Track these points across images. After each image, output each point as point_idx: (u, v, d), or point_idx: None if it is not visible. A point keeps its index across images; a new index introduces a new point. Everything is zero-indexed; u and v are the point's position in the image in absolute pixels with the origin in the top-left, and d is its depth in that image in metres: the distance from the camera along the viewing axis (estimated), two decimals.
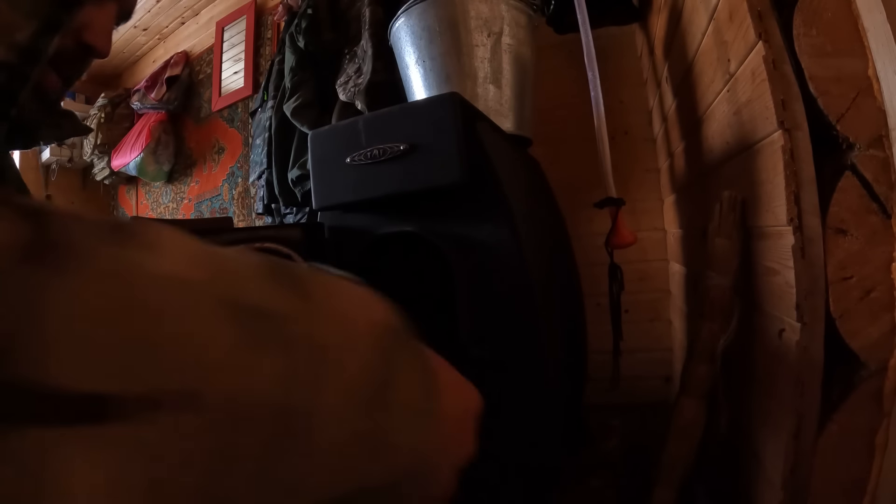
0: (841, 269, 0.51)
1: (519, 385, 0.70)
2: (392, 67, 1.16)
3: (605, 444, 1.04)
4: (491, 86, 0.95)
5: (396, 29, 1.03)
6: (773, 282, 0.59)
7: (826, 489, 0.53)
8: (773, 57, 0.56)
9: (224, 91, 2.45)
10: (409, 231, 0.77)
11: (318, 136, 0.82)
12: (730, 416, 0.68)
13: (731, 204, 0.68)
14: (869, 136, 0.49)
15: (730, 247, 0.67)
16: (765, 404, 0.63)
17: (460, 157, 0.67)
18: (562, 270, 1.02)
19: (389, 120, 0.74)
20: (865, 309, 0.50)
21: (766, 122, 0.57)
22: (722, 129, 0.76)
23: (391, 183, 0.73)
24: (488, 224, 0.70)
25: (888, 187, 0.49)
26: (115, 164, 2.72)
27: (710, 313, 0.68)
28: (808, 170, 0.53)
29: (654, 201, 1.38)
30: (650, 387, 1.36)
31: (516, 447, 0.72)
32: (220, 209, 2.45)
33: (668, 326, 1.37)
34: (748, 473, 0.67)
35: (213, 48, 2.52)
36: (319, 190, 0.82)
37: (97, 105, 2.81)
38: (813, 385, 0.53)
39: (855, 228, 0.50)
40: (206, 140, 2.54)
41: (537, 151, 1.12)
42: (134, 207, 3.05)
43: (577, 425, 1.02)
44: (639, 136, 1.40)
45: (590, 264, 1.21)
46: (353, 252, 0.84)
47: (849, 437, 0.51)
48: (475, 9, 0.94)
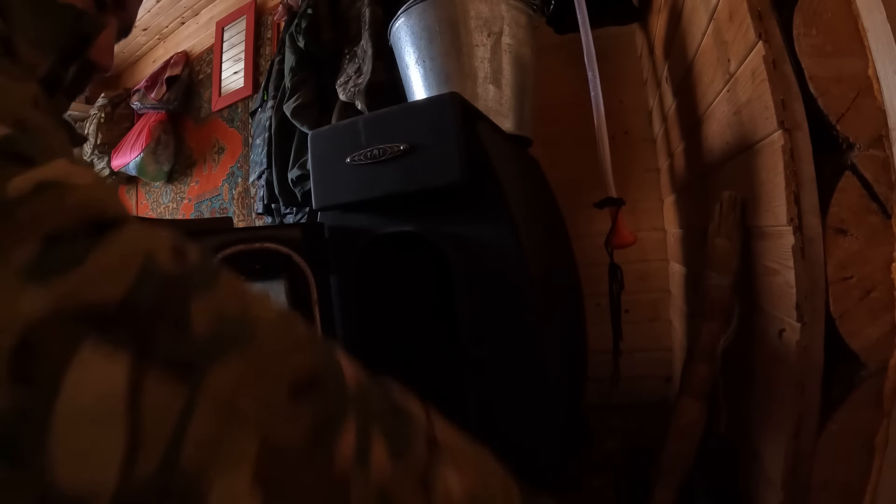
0: (841, 269, 0.51)
1: (519, 385, 0.70)
2: (392, 67, 1.16)
3: (605, 444, 1.04)
4: (491, 86, 0.95)
5: (396, 29, 1.03)
6: (773, 282, 0.59)
7: (826, 489, 0.53)
8: (773, 57, 0.56)
9: (224, 91, 2.45)
10: (408, 231, 0.77)
11: (318, 136, 0.82)
12: (730, 416, 0.68)
13: (731, 204, 0.68)
14: (869, 136, 0.49)
15: (730, 247, 0.67)
16: (765, 404, 0.63)
17: (460, 157, 0.67)
18: (562, 270, 1.02)
19: (389, 120, 0.74)
20: (865, 309, 0.50)
21: (766, 122, 0.57)
22: (722, 129, 0.76)
23: (391, 183, 0.73)
24: (488, 224, 0.70)
25: (888, 187, 0.49)
26: (114, 164, 2.72)
27: (710, 313, 0.68)
28: (808, 170, 0.53)
29: (654, 201, 1.38)
30: (650, 387, 1.36)
31: (516, 447, 0.72)
32: (220, 209, 2.45)
33: (668, 326, 1.37)
34: (748, 473, 0.67)
35: (213, 48, 2.52)
36: (319, 190, 0.82)
37: (97, 105, 2.81)
38: (813, 385, 0.53)
39: (855, 228, 0.50)
40: (206, 140, 2.54)
41: (537, 151, 1.12)
42: (134, 207, 3.05)
43: (577, 425, 1.02)
44: (639, 136, 1.40)
45: (590, 264, 1.21)
46: (353, 252, 0.84)
47: (849, 437, 0.51)
48: (475, 9, 0.94)
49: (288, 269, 0.80)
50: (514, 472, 0.34)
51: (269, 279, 0.79)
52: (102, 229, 0.20)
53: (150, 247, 0.21)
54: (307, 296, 0.81)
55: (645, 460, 0.84)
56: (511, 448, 0.71)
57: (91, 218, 0.20)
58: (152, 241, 0.22)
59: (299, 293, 0.81)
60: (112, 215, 0.21)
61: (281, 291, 0.80)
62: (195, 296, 0.21)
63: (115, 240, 0.20)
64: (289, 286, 0.80)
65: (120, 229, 0.21)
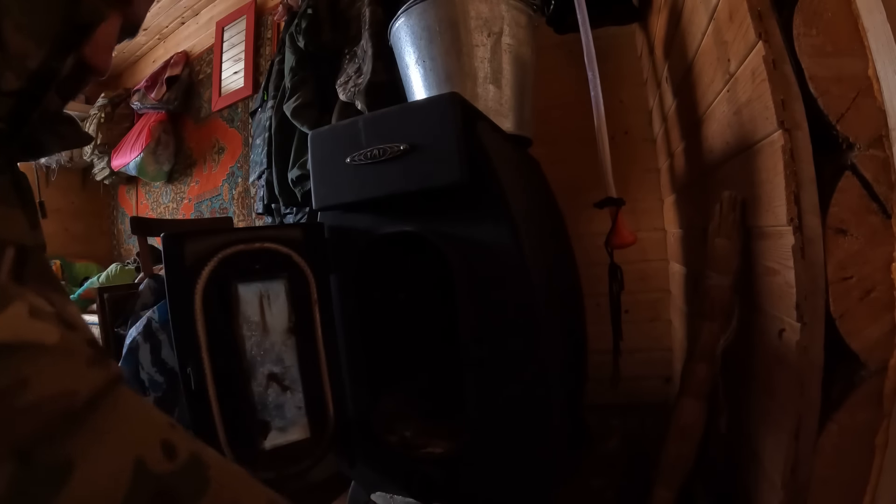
0: (841, 269, 0.51)
1: (519, 385, 0.70)
2: (392, 67, 1.16)
3: (605, 444, 1.04)
4: (491, 86, 0.95)
5: (396, 29, 1.03)
6: (773, 282, 0.59)
7: (826, 489, 0.53)
8: (773, 57, 0.56)
9: (224, 91, 2.45)
10: (409, 231, 0.77)
11: (318, 136, 0.82)
12: (730, 416, 0.68)
13: (731, 204, 0.67)
14: (869, 136, 0.49)
15: (730, 247, 0.67)
16: (765, 404, 0.63)
17: (460, 157, 0.67)
18: (562, 270, 1.02)
19: (389, 120, 0.74)
20: (865, 309, 0.50)
21: (766, 122, 0.57)
22: (722, 129, 0.76)
23: (391, 183, 0.73)
24: (488, 224, 0.70)
25: (888, 187, 0.49)
26: (115, 164, 2.72)
27: (710, 313, 0.68)
28: (808, 170, 0.53)
29: (654, 201, 1.38)
30: (650, 387, 1.36)
31: (516, 447, 0.72)
32: (220, 209, 2.46)
33: (668, 326, 1.37)
34: (748, 473, 0.67)
35: (213, 48, 2.52)
36: (319, 190, 0.82)
37: (97, 105, 2.81)
38: (813, 385, 0.53)
39: (855, 228, 0.50)
40: (206, 140, 2.54)
41: (537, 151, 1.12)
42: (134, 207, 3.05)
43: (577, 425, 1.02)
44: (639, 136, 1.40)
45: (590, 264, 1.21)
46: (353, 252, 0.84)
47: (849, 437, 0.51)
48: (475, 9, 0.94)
49: (288, 269, 0.80)
50: (514, 472, 0.34)
51: (269, 279, 0.79)
52: (79, 420, 0.18)
53: (139, 444, 0.19)
54: (307, 296, 0.81)
55: (645, 460, 0.84)
56: (511, 448, 0.71)
57: (63, 411, 0.18)
58: (142, 434, 0.19)
59: (299, 293, 0.81)
60: (86, 397, 0.19)
61: (281, 291, 0.80)
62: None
63: (98, 441, 0.18)
64: (289, 286, 0.80)
65: (102, 419, 0.18)
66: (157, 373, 1.10)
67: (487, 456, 0.73)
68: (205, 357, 0.71)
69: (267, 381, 0.78)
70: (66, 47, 0.36)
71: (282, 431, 0.79)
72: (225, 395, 0.73)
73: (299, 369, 0.81)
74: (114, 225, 3.24)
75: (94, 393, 0.19)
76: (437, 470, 0.78)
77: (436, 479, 0.78)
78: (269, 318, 0.79)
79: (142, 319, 1.13)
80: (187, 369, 0.71)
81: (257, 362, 0.78)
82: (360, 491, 0.90)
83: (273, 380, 0.79)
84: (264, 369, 0.78)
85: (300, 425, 0.81)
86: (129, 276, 2.41)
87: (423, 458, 0.80)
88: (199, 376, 0.71)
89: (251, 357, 0.78)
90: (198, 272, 0.72)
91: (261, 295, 0.79)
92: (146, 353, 1.10)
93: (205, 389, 0.71)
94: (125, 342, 1.12)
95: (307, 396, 0.81)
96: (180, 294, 0.72)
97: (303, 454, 0.80)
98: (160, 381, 1.10)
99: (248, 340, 0.77)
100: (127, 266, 2.54)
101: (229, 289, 0.76)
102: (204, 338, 0.71)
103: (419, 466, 0.80)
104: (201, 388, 0.71)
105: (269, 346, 0.79)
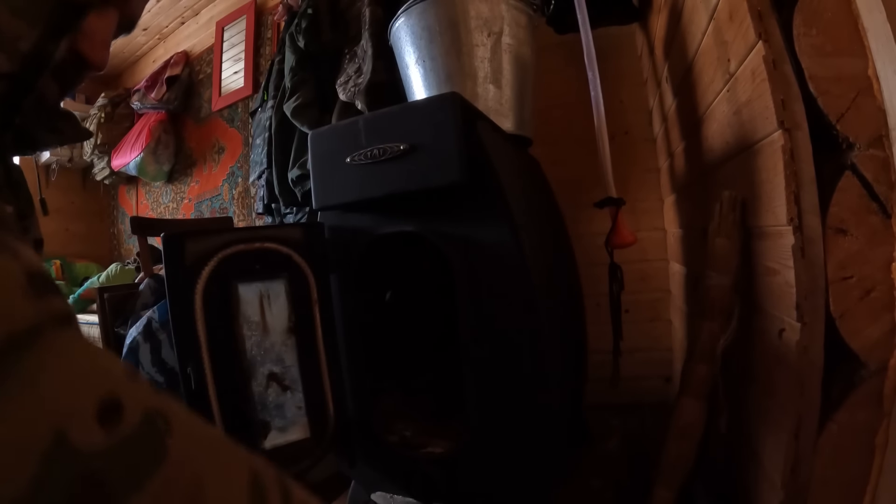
0: (841, 269, 0.51)
1: (519, 385, 0.70)
2: (392, 67, 1.16)
3: (605, 444, 1.04)
4: (491, 86, 0.95)
5: (396, 29, 1.03)
6: (773, 282, 0.59)
7: (826, 489, 0.53)
8: (773, 57, 0.56)
9: (224, 91, 2.45)
10: (409, 231, 0.77)
11: (318, 135, 0.82)
12: (730, 415, 0.68)
13: (731, 204, 0.67)
14: (869, 136, 0.49)
15: (730, 247, 0.67)
16: (765, 404, 0.63)
17: (460, 157, 0.67)
18: (562, 270, 1.02)
19: (389, 120, 0.74)
20: (865, 309, 0.50)
21: (766, 121, 0.57)
22: (722, 129, 0.76)
23: (391, 183, 0.73)
24: (488, 224, 0.70)
25: (888, 187, 0.49)
26: (115, 163, 2.72)
27: (710, 313, 0.68)
28: (808, 170, 0.53)
29: (654, 201, 1.38)
30: (650, 387, 1.36)
31: (517, 447, 0.72)
32: (220, 209, 2.46)
33: (668, 326, 1.37)
34: (748, 473, 0.67)
35: (213, 48, 2.52)
36: (319, 190, 0.82)
37: (97, 105, 2.81)
38: (813, 385, 0.53)
39: (855, 228, 0.50)
40: (206, 140, 2.54)
41: (537, 151, 1.12)
42: (134, 207, 3.05)
43: (577, 425, 1.02)
44: (639, 136, 1.40)
45: (590, 264, 1.21)
46: (353, 252, 0.84)
47: (849, 437, 0.51)
48: (475, 9, 0.94)
49: (288, 269, 0.80)
50: (514, 472, 0.34)
51: (270, 279, 0.79)
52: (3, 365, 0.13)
53: (65, 410, 0.15)
54: (307, 296, 0.81)
55: (645, 460, 0.84)
56: (511, 448, 0.71)
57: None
58: (73, 395, 0.15)
59: (299, 293, 0.81)
60: (2, 341, 0.14)
61: (281, 291, 0.80)
62: (127, 496, 0.15)
63: (4, 403, 0.13)
64: (289, 286, 0.80)
65: (18, 373, 0.14)
66: (157, 373, 1.10)
67: (487, 456, 0.74)
68: (205, 357, 0.71)
69: (267, 380, 0.78)
70: (60, 29, 0.35)
71: (282, 431, 0.79)
72: (225, 394, 0.73)
73: (299, 369, 0.81)
74: (114, 225, 3.24)
75: (16, 335, 0.14)
76: (437, 470, 0.78)
77: (436, 479, 0.78)
78: (269, 317, 0.79)
79: (142, 319, 1.13)
80: (187, 369, 0.71)
81: (257, 362, 0.78)
82: (360, 491, 0.90)
83: (273, 380, 0.79)
84: (264, 369, 0.78)
85: (300, 425, 0.81)
86: (129, 275, 2.41)
87: (423, 457, 0.80)
88: (200, 376, 0.71)
89: (251, 357, 0.78)
90: (198, 272, 0.72)
91: (261, 295, 0.79)
92: (146, 353, 1.10)
93: (205, 389, 0.71)
94: (125, 342, 1.12)
95: (307, 396, 0.81)
96: (180, 294, 0.72)
97: (303, 454, 0.80)
98: (160, 380, 1.10)
99: (249, 340, 0.77)
100: (127, 266, 2.54)
101: (229, 289, 0.76)
102: (204, 338, 0.71)
103: (419, 466, 0.80)
104: (201, 388, 0.71)
105: (269, 345, 0.79)
